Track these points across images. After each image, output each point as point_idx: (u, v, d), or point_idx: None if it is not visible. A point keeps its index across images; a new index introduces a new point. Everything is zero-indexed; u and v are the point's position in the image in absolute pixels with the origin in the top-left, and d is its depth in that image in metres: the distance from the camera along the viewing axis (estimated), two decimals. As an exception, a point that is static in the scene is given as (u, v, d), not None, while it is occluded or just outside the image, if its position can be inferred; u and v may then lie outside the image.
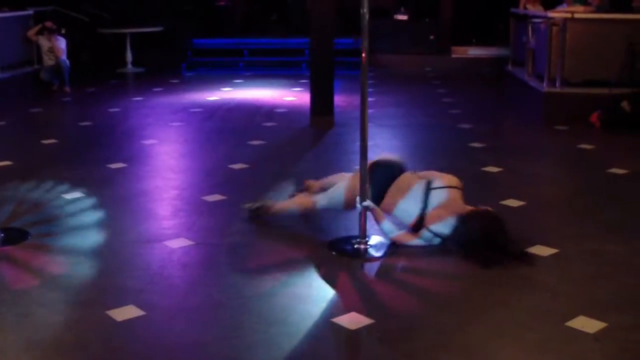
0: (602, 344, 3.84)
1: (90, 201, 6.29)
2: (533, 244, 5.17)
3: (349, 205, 5.40)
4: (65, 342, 3.92)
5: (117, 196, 6.50)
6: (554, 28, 9.90)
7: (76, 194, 6.47)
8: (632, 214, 6.02)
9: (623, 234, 5.48)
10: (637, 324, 4.07)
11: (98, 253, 5.17)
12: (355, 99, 5.08)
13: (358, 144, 5.18)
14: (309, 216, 5.71)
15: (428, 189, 5.20)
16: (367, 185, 5.10)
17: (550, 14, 10.43)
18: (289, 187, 6.44)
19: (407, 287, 4.66)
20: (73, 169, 7.35)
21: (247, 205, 5.82)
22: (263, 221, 5.70)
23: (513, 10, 13.25)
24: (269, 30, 18.18)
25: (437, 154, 8.09)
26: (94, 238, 5.44)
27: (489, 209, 5.18)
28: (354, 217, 5.30)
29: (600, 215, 5.95)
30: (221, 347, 3.86)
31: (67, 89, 12.87)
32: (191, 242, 5.31)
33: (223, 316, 4.21)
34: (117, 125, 9.88)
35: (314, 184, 6.13)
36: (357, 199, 5.13)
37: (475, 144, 8.46)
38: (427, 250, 5.12)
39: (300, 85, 13.14)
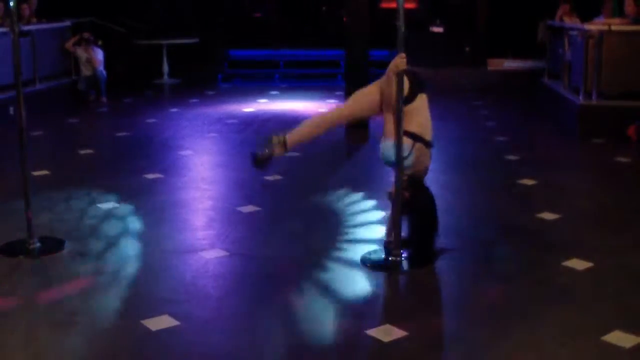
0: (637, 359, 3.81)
1: (126, 211, 6.35)
2: (568, 258, 5.14)
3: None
4: (100, 352, 3.96)
5: (152, 206, 6.55)
6: (591, 40, 9.83)
7: (112, 204, 6.53)
8: (669, 228, 5.98)
9: (659, 249, 5.44)
10: (674, 340, 4.04)
11: (133, 263, 5.21)
12: (391, 111, 5.07)
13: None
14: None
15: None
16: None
17: (587, 27, 10.36)
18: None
19: (440, 300, 4.65)
20: (109, 179, 7.41)
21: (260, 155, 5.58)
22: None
23: (550, 22, 13.18)
24: (303, 41, 18.23)
25: (473, 166, 8.06)
26: (129, 248, 5.49)
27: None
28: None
29: (635, 229, 5.90)
30: (254, 358, 3.87)
31: (104, 99, 13.01)
32: (225, 253, 5.34)
33: (256, 327, 4.23)
34: (153, 135, 9.94)
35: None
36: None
37: (511, 157, 8.42)
38: (460, 263, 5.12)
39: (335, 97, 13.14)
